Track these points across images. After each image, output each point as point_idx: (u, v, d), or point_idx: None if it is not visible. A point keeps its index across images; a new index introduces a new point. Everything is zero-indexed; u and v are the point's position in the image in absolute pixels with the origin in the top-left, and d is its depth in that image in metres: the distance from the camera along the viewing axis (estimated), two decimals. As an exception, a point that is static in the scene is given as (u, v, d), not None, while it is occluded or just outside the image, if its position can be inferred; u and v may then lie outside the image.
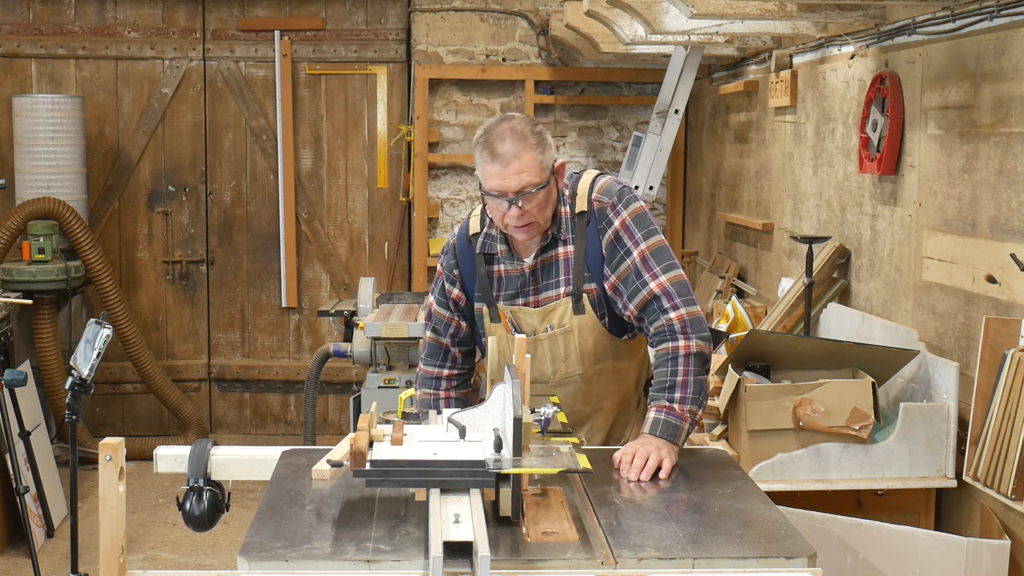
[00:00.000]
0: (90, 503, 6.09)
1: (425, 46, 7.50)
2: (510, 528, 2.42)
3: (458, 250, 3.22)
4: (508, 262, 3.14)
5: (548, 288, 3.11)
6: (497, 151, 2.93)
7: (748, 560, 2.30)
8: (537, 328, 3.12)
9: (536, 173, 2.94)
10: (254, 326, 7.82)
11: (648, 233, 3.04)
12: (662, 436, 2.89)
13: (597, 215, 3.06)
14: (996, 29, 3.63)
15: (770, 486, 3.61)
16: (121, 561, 2.73)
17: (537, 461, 2.53)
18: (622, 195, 3.07)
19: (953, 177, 3.94)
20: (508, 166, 2.92)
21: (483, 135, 2.97)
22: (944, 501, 3.95)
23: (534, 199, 2.96)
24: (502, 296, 3.15)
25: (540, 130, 2.99)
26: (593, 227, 3.06)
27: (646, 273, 3.01)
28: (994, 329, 3.43)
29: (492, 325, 3.17)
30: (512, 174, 2.92)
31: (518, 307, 3.13)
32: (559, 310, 3.10)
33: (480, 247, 3.16)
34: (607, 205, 3.06)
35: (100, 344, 3.73)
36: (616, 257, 3.04)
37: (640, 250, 3.02)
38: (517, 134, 2.94)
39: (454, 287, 3.22)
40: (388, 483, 2.50)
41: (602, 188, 3.09)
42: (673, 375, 2.96)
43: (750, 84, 6.20)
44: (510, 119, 2.99)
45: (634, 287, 3.02)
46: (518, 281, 3.13)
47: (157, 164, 7.65)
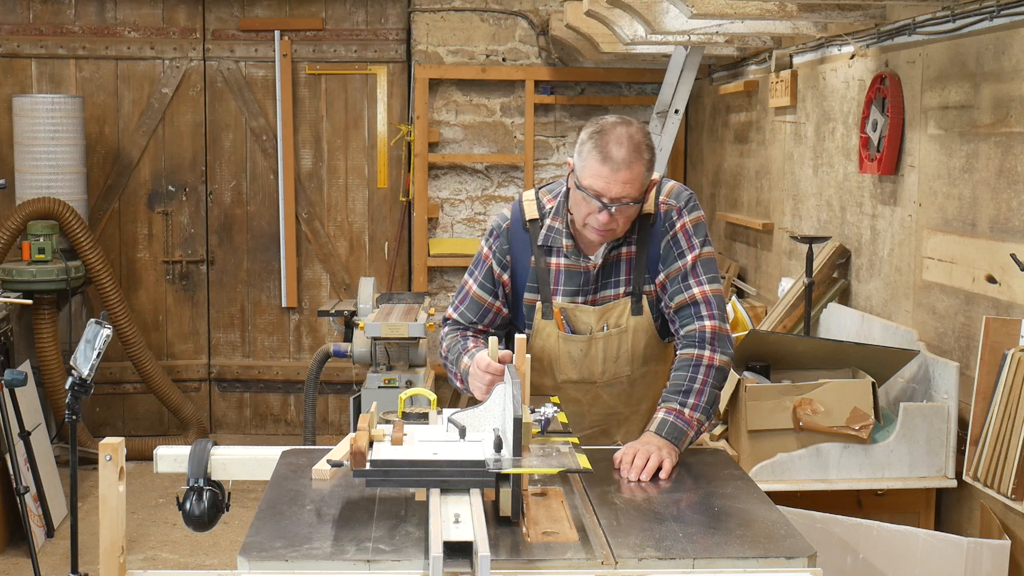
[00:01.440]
0: (90, 503, 6.09)
1: (425, 46, 7.50)
2: (510, 528, 2.42)
3: (512, 234, 3.14)
4: (572, 258, 3.07)
5: (607, 287, 3.09)
6: (611, 154, 2.88)
7: (748, 560, 2.30)
8: (593, 327, 3.09)
9: (639, 188, 2.91)
10: (254, 326, 7.82)
11: (704, 242, 3.07)
12: (667, 437, 2.88)
13: (663, 216, 3.05)
14: (996, 29, 3.63)
15: (770, 486, 3.61)
16: (121, 561, 2.73)
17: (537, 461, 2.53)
18: (688, 200, 3.08)
19: (953, 177, 3.94)
20: (617, 172, 2.87)
21: (598, 131, 2.92)
22: (944, 501, 3.95)
23: (627, 211, 2.93)
24: (560, 291, 3.10)
25: (652, 145, 2.96)
26: (658, 228, 3.05)
27: (692, 278, 3.03)
28: (994, 329, 3.43)
29: (543, 321, 3.11)
30: (619, 182, 2.88)
31: (576, 305, 3.09)
32: (617, 309, 3.08)
33: (543, 239, 3.09)
34: (673, 208, 3.06)
35: (100, 344, 3.73)
36: (670, 256, 3.05)
37: (694, 255, 3.04)
38: (635, 144, 2.89)
39: (504, 272, 3.14)
40: (388, 483, 2.50)
41: (670, 192, 3.08)
42: (691, 381, 2.96)
43: (750, 84, 6.20)
44: (629, 124, 2.93)
45: (678, 287, 3.04)
46: (580, 278, 3.08)
47: (157, 164, 7.65)
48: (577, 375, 3.12)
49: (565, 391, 3.12)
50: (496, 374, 2.87)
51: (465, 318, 3.19)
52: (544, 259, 3.10)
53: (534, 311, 3.12)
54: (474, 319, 3.18)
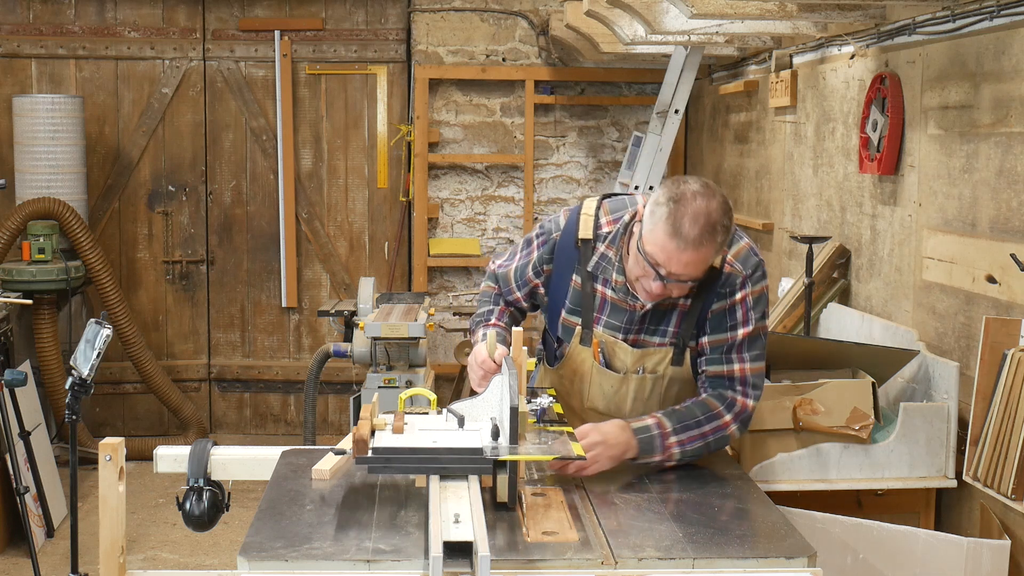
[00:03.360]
0: (90, 503, 6.09)
1: (425, 46, 7.50)
2: (510, 528, 2.42)
3: (559, 248, 3.03)
4: (621, 294, 2.96)
5: (653, 333, 2.97)
6: (683, 230, 2.70)
7: (748, 560, 2.30)
8: (629, 368, 2.99)
9: (702, 269, 2.78)
10: (254, 326, 7.82)
11: (760, 316, 2.94)
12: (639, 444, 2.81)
13: (725, 278, 2.90)
14: (996, 29, 3.63)
15: (770, 486, 3.61)
16: (121, 561, 2.73)
17: (533, 448, 2.59)
18: (756, 269, 2.94)
19: (953, 177, 3.94)
20: (683, 252, 2.71)
21: (676, 199, 2.72)
22: (944, 501, 3.95)
23: (683, 287, 2.82)
24: (603, 321, 2.99)
25: (729, 225, 2.78)
26: (715, 287, 2.90)
27: (736, 353, 2.92)
28: (994, 329, 3.43)
29: (580, 347, 3.02)
30: (683, 261, 2.73)
31: (616, 340, 2.98)
32: (657, 356, 2.98)
33: (593, 265, 2.97)
34: (738, 275, 2.91)
35: (100, 344, 3.73)
36: (722, 325, 2.92)
37: (746, 331, 2.91)
38: (711, 224, 2.71)
39: (538, 278, 3.09)
40: (389, 469, 2.54)
41: (738, 254, 2.93)
42: (698, 425, 2.88)
43: (750, 84, 6.20)
44: (711, 197, 2.74)
45: (719, 357, 2.93)
46: (625, 316, 2.96)
47: (157, 164, 7.65)
48: (604, 407, 3.06)
49: (589, 416, 3.05)
50: (489, 371, 2.84)
51: (498, 283, 3.19)
52: (591, 284, 2.99)
53: (572, 333, 3.03)
54: (504, 290, 3.17)
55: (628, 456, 2.81)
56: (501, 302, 3.17)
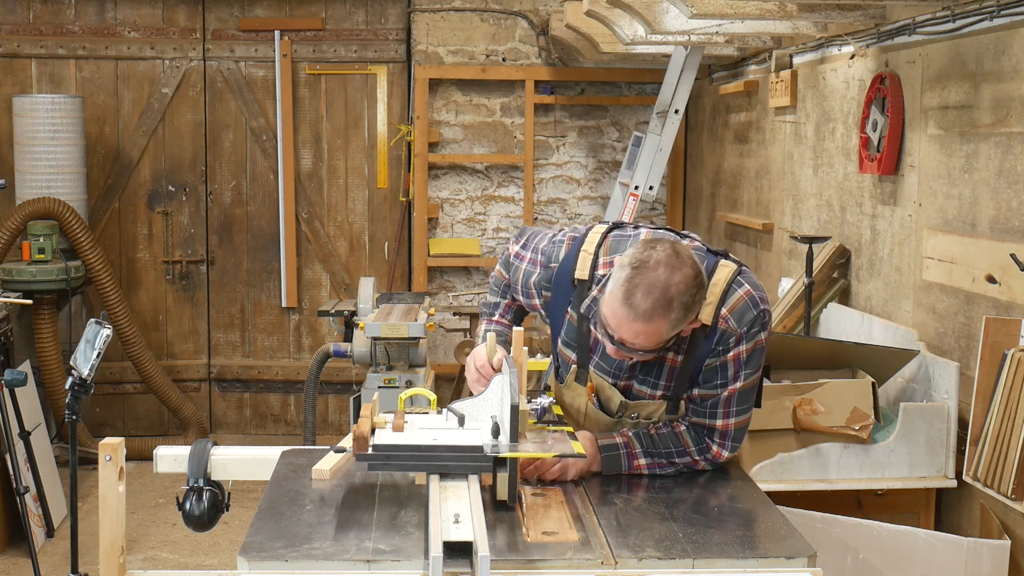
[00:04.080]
0: (90, 503, 6.09)
1: (425, 46, 7.50)
2: (510, 528, 2.42)
3: (555, 282, 2.93)
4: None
5: (645, 384, 2.87)
6: (633, 300, 2.57)
7: (748, 560, 2.30)
8: (623, 414, 2.91)
9: (654, 342, 2.64)
10: (254, 326, 7.82)
11: (751, 372, 2.80)
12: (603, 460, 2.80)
13: (719, 336, 2.74)
14: (996, 29, 3.63)
15: (770, 486, 3.61)
16: (121, 561, 2.73)
17: (533, 447, 2.59)
18: (752, 325, 2.74)
19: (953, 177, 3.94)
20: (632, 322, 2.59)
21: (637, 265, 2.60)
22: (944, 501, 3.95)
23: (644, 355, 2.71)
24: (595, 361, 2.90)
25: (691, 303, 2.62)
26: (710, 343, 2.75)
27: (722, 408, 2.82)
28: (994, 329, 3.43)
29: (576, 384, 2.94)
30: (631, 331, 2.61)
31: (609, 383, 2.89)
32: (651, 407, 2.89)
33: (585, 308, 2.86)
34: (732, 333, 2.74)
35: (100, 344, 3.73)
36: (712, 379, 2.80)
37: (734, 388, 2.79)
38: (666, 300, 2.57)
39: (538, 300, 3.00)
40: (389, 467, 2.55)
41: (734, 308, 2.74)
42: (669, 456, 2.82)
43: (750, 84, 6.20)
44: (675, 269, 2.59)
45: (703, 410, 2.83)
46: (614, 362, 2.85)
47: (157, 164, 7.65)
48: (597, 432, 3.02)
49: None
50: (487, 377, 2.83)
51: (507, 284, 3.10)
52: (585, 324, 2.88)
53: (568, 368, 2.97)
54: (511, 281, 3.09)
55: (593, 470, 2.80)
56: (509, 295, 3.10)
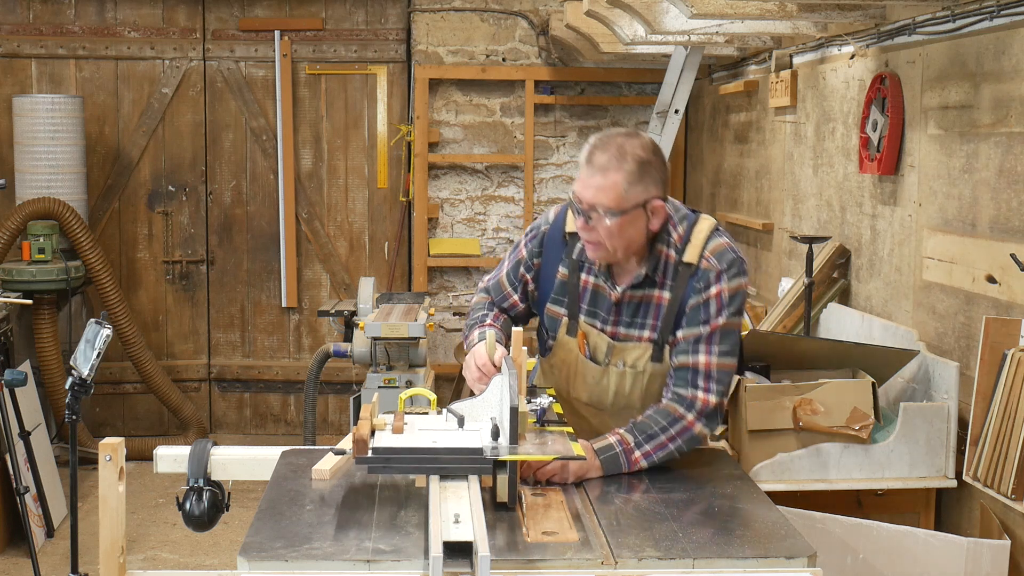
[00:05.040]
0: (90, 503, 6.09)
1: (425, 46, 7.50)
2: (510, 528, 2.42)
3: (547, 241, 3.07)
4: (601, 279, 2.99)
5: (633, 326, 2.97)
6: (594, 157, 2.82)
7: (748, 560, 2.30)
8: (610, 361, 3.00)
9: (613, 198, 2.79)
10: (254, 326, 7.82)
11: (733, 312, 2.90)
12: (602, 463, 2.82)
13: (700, 274, 2.89)
14: (996, 29, 3.63)
15: (770, 486, 3.61)
16: (121, 561, 2.73)
17: (533, 448, 2.59)
18: (732, 265, 2.89)
19: (953, 177, 3.94)
20: (592, 176, 2.80)
21: (596, 138, 2.87)
22: (944, 501, 3.95)
23: (603, 221, 2.81)
24: (584, 310, 3.01)
25: (648, 160, 2.82)
26: (693, 282, 2.89)
27: (704, 345, 2.89)
28: (994, 329, 3.43)
29: (567, 337, 3.04)
30: (591, 186, 2.80)
31: (596, 330, 2.99)
32: (637, 352, 2.97)
33: (578, 252, 3.00)
34: (713, 270, 2.88)
35: (100, 344, 3.73)
36: (695, 319, 2.90)
37: (715, 324, 2.88)
38: (620, 152, 2.80)
39: (529, 273, 3.11)
40: (389, 470, 2.55)
41: (716, 250, 2.90)
42: (662, 432, 2.86)
43: (750, 84, 6.20)
44: (634, 136, 2.85)
45: (686, 348, 2.90)
46: (605, 304, 2.98)
47: (157, 164, 7.65)
48: (587, 398, 3.08)
49: (578, 412, 3.09)
50: (489, 374, 2.84)
51: (491, 294, 3.19)
52: (576, 274, 3.01)
53: (559, 324, 3.05)
54: (496, 299, 3.18)
55: (592, 475, 2.81)
56: (495, 309, 3.17)
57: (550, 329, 3.08)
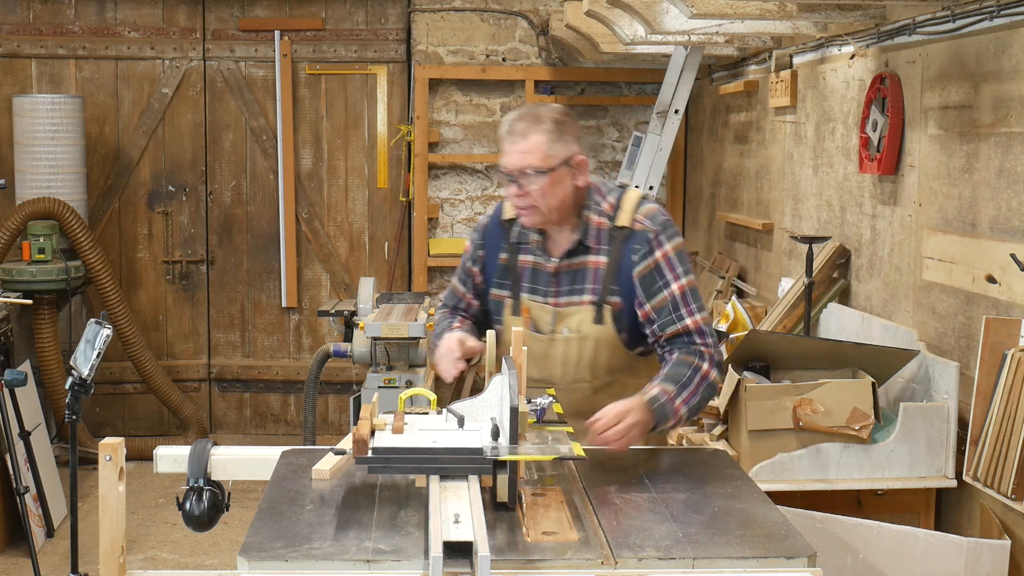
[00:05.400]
0: (90, 503, 6.09)
1: (425, 46, 7.50)
2: (510, 528, 2.42)
3: (487, 231, 3.26)
4: (538, 254, 3.15)
5: (573, 293, 3.12)
6: (512, 127, 3.04)
7: (748, 560, 2.30)
8: (553, 328, 3.13)
9: (540, 157, 2.99)
10: (254, 326, 7.82)
11: (686, 270, 3.07)
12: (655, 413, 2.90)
13: (636, 236, 3.06)
14: (996, 29, 3.63)
15: (770, 486, 3.61)
16: (121, 561, 2.73)
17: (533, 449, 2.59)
18: (666, 226, 3.08)
19: (953, 177, 3.94)
20: (516, 144, 3.01)
21: (511, 114, 3.10)
22: (944, 501, 3.95)
23: (534, 182, 3.00)
24: (525, 288, 3.17)
25: (563, 120, 3.04)
26: (629, 244, 3.06)
27: (683, 308, 3.04)
28: (994, 329, 3.43)
29: (512, 317, 3.18)
30: (517, 152, 3.01)
31: (538, 303, 3.15)
32: (578, 316, 3.10)
33: (515, 236, 3.19)
34: (650, 231, 3.06)
35: (100, 344, 3.73)
36: (654, 286, 3.04)
37: (680, 284, 3.04)
38: (535, 117, 3.03)
39: (475, 265, 3.27)
40: (389, 470, 2.55)
41: (648, 213, 3.09)
42: (689, 380, 2.98)
43: (750, 84, 6.20)
44: (545, 106, 3.09)
45: (669, 319, 3.04)
46: (543, 277, 3.15)
47: (157, 164, 7.65)
48: (537, 374, 3.14)
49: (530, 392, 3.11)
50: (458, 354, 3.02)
51: (447, 303, 3.38)
52: (515, 256, 3.19)
53: (503, 307, 3.21)
54: (452, 305, 3.35)
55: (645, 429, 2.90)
56: (458, 316, 3.33)
57: (495, 314, 3.24)
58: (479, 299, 3.29)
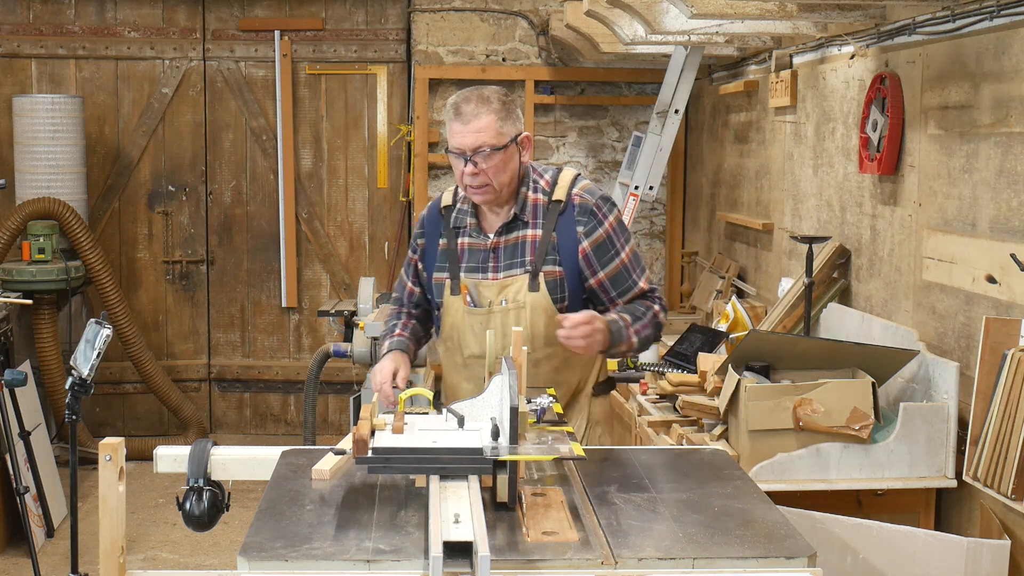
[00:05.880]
0: (90, 503, 6.09)
1: (425, 46, 7.50)
2: (510, 528, 2.42)
3: (426, 220, 3.43)
4: (475, 235, 3.31)
5: (512, 267, 3.28)
6: (461, 110, 3.16)
7: (748, 560, 2.30)
8: (493, 300, 3.27)
9: (493, 135, 3.15)
10: (254, 326, 7.82)
11: (628, 238, 3.34)
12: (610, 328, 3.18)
13: (578, 209, 3.27)
14: (996, 29, 3.63)
15: (770, 486, 3.61)
16: (121, 561, 2.73)
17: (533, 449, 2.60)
18: (606, 200, 3.31)
19: (953, 177, 3.94)
20: (468, 124, 3.14)
21: (454, 98, 3.21)
22: (944, 501, 3.95)
23: (490, 160, 3.15)
24: (464, 267, 3.32)
25: (508, 100, 3.21)
26: (569, 217, 3.26)
27: (634, 273, 3.33)
28: (994, 329, 3.43)
29: (451, 297, 3.32)
30: (471, 132, 3.14)
31: (478, 280, 3.29)
32: (515, 285, 3.25)
33: (453, 221, 3.35)
34: (592, 204, 3.28)
35: (100, 344, 3.73)
36: (606, 256, 3.29)
37: (627, 252, 3.32)
38: (483, 98, 3.17)
39: (415, 254, 3.45)
40: (389, 470, 2.55)
41: (585, 188, 3.32)
42: (642, 315, 3.29)
43: (750, 84, 6.20)
44: (483, 87, 3.23)
45: (626, 285, 3.32)
46: (481, 255, 3.30)
47: (157, 164, 7.65)
48: (479, 349, 3.26)
49: (471, 368, 3.32)
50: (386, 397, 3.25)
51: (396, 294, 3.57)
52: (454, 240, 3.34)
53: (443, 288, 3.35)
54: (399, 296, 3.54)
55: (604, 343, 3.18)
56: (403, 316, 3.53)
57: (437, 297, 3.37)
58: (421, 287, 3.47)
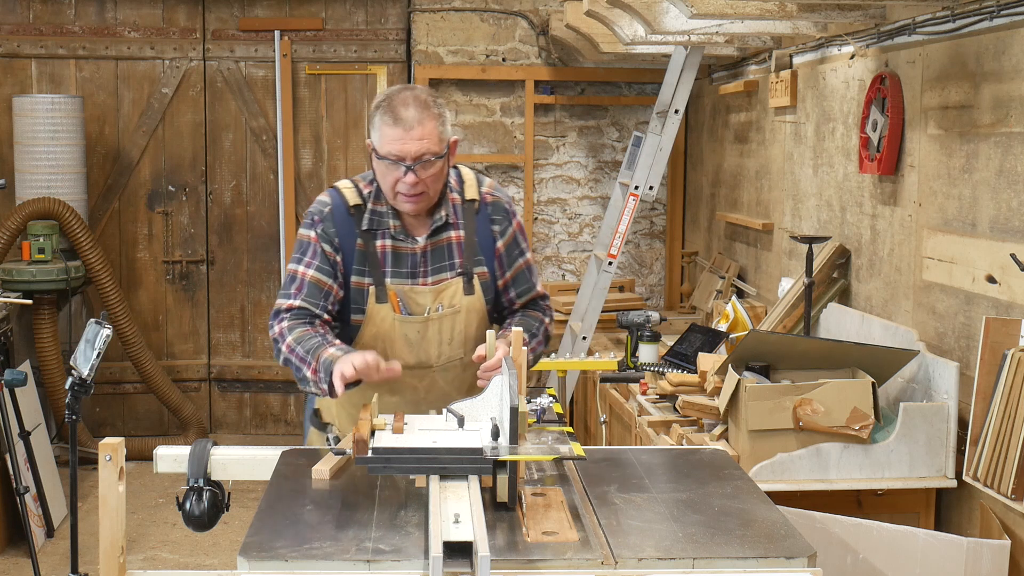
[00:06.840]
0: (90, 503, 6.09)
1: (425, 46, 7.50)
2: (510, 528, 2.42)
3: (336, 219, 3.15)
4: (400, 239, 3.14)
5: (441, 270, 3.17)
6: (400, 115, 2.98)
7: (748, 560, 2.30)
8: (429, 307, 3.14)
9: (436, 142, 3.01)
10: (254, 326, 7.82)
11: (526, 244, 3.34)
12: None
13: (491, 207, 3.23)
14: (996, 29, 3.63)
15: (770, 486, 3.61)
16: (121, 561, 2.73)
17: (533, 448, 2.60)
18: (509, 200, 3.31)
19: (953, 177, 3.94)
20: (410, 131, 2.98)
21: (385, 100, 3.04)
22: (944, 501, 3.95)
23: (431, 168, 3.02)
24: (389, 273, 3.14)
25: (441, 103, 3.10)
26: (484, 216, 3.21)
27: (533, 276, 3.33)
28: (994, 329, 3.43)
29: (377, 306, 3.13)
30: (414, 139, 2.98)
31: (408, 287, 3.14)
32: (450, 290, 3.16)
33: (367, 223, 3.14)
34: (504, 203, 3.26)
35: (100, 344, 3.73)
36: (514, 254, 3.26)
37: (528, 255, 3.33)
38: (421, 102, 3.01)
39: (337, 253, 3.15)
40: (389, 470, 2.55)
41: (492, 186, 3.29)
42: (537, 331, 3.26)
43: (750, 84, 6.20)
44: (412, 88, 3.08)
45: (528, 285, 3.30)
46: (409, 260, 3.15)
47: (157, 164, 7.65)
48: (414, 359, 3.13)
49: (402, 379, 3.05)
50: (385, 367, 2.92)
51: (310, 303, 3.15)
52: (372, 243, 3.14)
53: (366, 295, 3.13)
54: (319, 302, 3.14)
55: None
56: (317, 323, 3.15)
57: (356, 303, 3.14)
58: (344, 289, 3.16)
